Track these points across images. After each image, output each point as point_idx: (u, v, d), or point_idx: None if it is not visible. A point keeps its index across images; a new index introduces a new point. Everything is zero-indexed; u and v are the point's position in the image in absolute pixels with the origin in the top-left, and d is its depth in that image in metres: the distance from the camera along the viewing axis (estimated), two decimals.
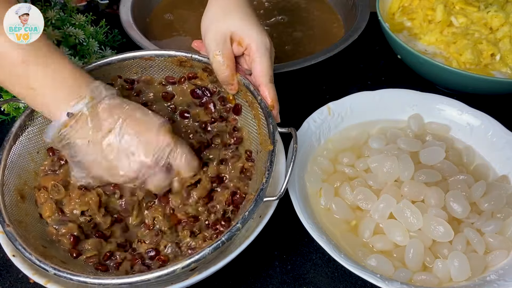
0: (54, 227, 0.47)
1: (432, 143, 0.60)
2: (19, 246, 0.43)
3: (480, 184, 0.55)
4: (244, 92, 0.53)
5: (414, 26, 0.78)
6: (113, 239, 0.49)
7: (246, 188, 0.51)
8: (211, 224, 0.49)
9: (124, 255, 0.47)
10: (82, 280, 0.41)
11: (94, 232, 0.48)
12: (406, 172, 0.55)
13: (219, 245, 0.42)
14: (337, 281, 0.53)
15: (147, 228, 0.49)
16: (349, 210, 0.55)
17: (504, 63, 0.71)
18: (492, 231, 0.52)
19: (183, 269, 0.41)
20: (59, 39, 0.67)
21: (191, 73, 0.56)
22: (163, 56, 0.56)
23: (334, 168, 0.60)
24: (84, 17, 0.72)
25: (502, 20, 0.73)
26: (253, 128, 0.53)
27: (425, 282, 0.48)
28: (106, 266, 0.46)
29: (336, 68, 0.80)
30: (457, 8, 0.77)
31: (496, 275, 0.48)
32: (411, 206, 0.52)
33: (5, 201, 0.46)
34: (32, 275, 0.43)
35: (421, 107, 0.65)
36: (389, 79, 0.79)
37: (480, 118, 0.62)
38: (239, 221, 0.43)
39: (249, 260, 0.54)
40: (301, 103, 0.71)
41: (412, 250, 0.50)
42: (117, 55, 0.55)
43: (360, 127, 0.64)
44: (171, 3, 0.87)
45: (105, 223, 0.48)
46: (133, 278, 0.41)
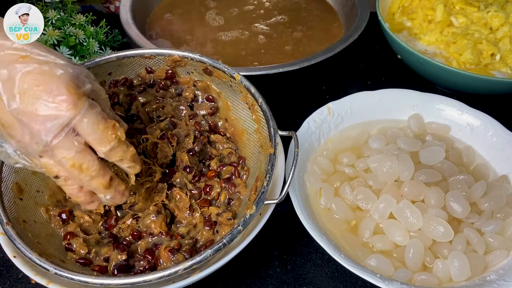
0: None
1: (432, 143, 0.60)
2: (18, 245, 0.43)
3: (480, 184, 0.55)
4: (244, 94, 0.53)
5: (414, 26, 0.78)
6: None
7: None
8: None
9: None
10: (84, 280, 0.41)
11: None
12: (406, 172, 0.55)
13: (221, 247, 0.42)
14: (337, 281, 0.53)
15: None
16: (349, 210, 0.55)
17: (504, 63, 0.71)
18: (492, 231, 0.52)
19: (185, 270, 0.41)
20: (59, 39, 0.67)
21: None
22: (163, 55, 0.56)
23: (334, 168, 0.60)
24: (84, 17, 0.72)
25: (502, 20, 0.73)
26: (252, 130, 0.53)
27: (425, 282, 0.49)
28: (89, 260, 0.47)
29: (336, 68, 0.80)
30: (457, 8, 0.77)
31: (496, 275, 0.49)
32: (411, 206, 0.52)
33: (4, 199, 0.46)
34: (34, 276, 0.43)
35: (421, 107, 0.65)
36: (389, 79, 0.79)
37: (480, 118, 0.62)
38: (240, 223, 0.43)
39: (249, 260, 0.54)
40: (301, 103, 0.71)
41: (412, 250, 0.50)
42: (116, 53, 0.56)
43: (360, 127, 0.65)
44: (171, 3, 0.87)
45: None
46: (134, 278, 0.41)
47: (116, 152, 0.41)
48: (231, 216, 0.49)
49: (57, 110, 0.37)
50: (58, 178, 0.41)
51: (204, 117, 0.58)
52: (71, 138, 0.39)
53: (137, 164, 0.44)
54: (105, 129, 0.40)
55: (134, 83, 0.58)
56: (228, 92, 0.56)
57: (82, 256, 0.47)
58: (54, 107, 0.37)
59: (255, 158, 0.53)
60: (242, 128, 0.56)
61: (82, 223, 0.49)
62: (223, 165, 0.54)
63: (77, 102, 0.38)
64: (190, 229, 0.50)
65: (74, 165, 0.39)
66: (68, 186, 0.42)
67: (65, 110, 0.38)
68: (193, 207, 0.51)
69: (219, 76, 0.54)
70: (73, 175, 0.41)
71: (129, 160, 0.42)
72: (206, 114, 0.58)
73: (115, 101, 0.57)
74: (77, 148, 0.39)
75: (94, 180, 0.41)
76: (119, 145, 0.41)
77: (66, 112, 0.38)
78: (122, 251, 0.47)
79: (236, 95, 0.55)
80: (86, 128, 0.39)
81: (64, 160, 0.39)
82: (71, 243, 0.47)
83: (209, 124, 0.58)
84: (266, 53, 0.76)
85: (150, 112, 0.58)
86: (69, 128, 0.38)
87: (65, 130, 0.38)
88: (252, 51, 0.77)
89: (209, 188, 0.52)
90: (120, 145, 0.41)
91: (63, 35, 0.68)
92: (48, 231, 0.48)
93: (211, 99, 0.58)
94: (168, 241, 0.48)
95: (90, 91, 0.41)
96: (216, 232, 0.49)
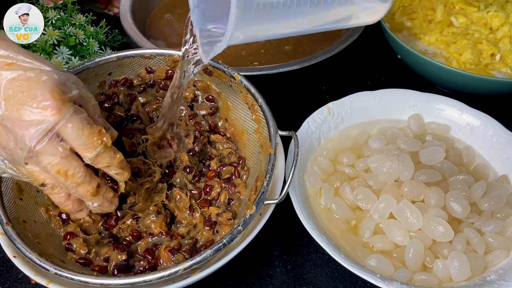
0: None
1: (432, 143, 0.60)
2: (18, 245, 0.43)
3: (480, 184, 0.55)
4: (244, 94, 0.53)
5: (414, 26, 0.78)
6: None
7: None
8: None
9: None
10: (84, 280, 0.41)
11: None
12: (406, 172, 0.55)
13: (221, 247, 0.42)
14: (337, 281, 0.53)
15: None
16: (349, 210, 0.55)
17: (504, 63, 0.72)
18: (492, 231, 0.52)
19: (185, 270, 0.41)
20: (59, 39, 0.67)
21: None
22: (163, 55, 0.56)
23: (334, 168, 0.60)
24: (84, 17, 0.72)
25: (502, 20, 0.73)
26: (252, 130, 0.53)
27: (425, 282, 0.48)
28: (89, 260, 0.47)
29: (336, 68, 0.80)
30: (457, 8, 0.77)
31: (496, 275, 0.49)
32: (411, 206, 0.52)
33: (4, 199, 0.46)
34: (34, 276, 0.43)
35: (421, 107, 0.65)
36: (389, 79, 0.79)
37: (480, 118, 0.62)
38: (240, 224, 0.43)
39: (249, 260, 0.54)
40: (301, 103, 0.71)
41: (412, 250, 0.50)
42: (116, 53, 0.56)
43: (360, 127, 0.65)
44: (171, 3, 0.87)
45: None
46: (134, 278, 0.41)
47: (103, 158, 0.41)
48: (231, 216, 0.49)
49: (42, 116, 0.38)
50: (44, 187, 0.41)
51: (204, 117, 0.58)
52: (56, 144, 0.39)
53: (125, 171, 0.43)
54: (90, 134, 0.40)
55: (134, 83, 0.58)
56: (228, 92, 0.56)
57: (82, 256, 0.47)
58: (38, 113, 0.38)
59: (255, 158, 0.53)
60: (242, 128, 0.56)
61: (82, 223, 0.49)
62: (223, 165, 0.54)
63: (61, 107, 0.38)
64: (190, 229, 0.50)
65: (59, 171, 0.39)
66: (55, 195, 0.42)
67: (50, 116, 0.38)
68: (193, 207, 0.51)
69: (219, 76, 0.54)
70: (59, 182, 0.41)
71: (116, 167, 0.42)
72: (206, 114, 0.58)
73: (115, 101, 0.57)
74: (61, 153, 0.39)
75: (80, 187, 0.41)
76: (106, 151, 0.41)
77: (50, 117, 0.38)
78: (122, 251, 0.47)
79: (236, 95, 0.55)
80: (70, 134, 0.39)
81: (49, 166, 0.39)
82: (71, 243, 0.47)
83: (209, 124, 0.58)
84: (266, 53, 0.76)
85: (150, 112, 0.58)
86: (53, 133, 0.38)
87: (48, 135, 0.38)
88: (252, 51, 0.76)
89: (209, 188, 0.52)
90: (107, 151, 0.41)
91: (63, 35, 0.68)
92: (48, 231, 0.48)
93: (211, 99, 0.58)
94: (168, 241, 0.48)
95: (77, 97, 0.41)
96: (216, 232, 0.49)
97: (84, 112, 0.40)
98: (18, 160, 0.40)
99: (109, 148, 0.41)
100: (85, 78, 0.55)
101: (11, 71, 0.38)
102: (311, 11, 0.38)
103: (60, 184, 0.41)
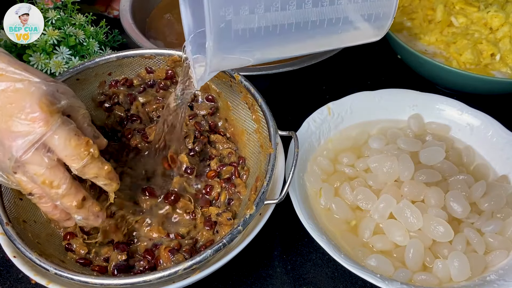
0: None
1: (432, 143, 0.60)
2: (18, 245, 0.43)
3: (480, 184, 0.55)
4: (244, 94, 0.53)
5: (414, 26, 0.78)
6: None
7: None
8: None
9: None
10: (84, 280, 0.41)
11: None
12: (406, 172, 0.55)
13: (221, 247, 0.42)
14: (337, 281, 0.53)
15: None
16: (349, 210, 0.55)
17: (504, 63, 0.72)
18: (492, 231, 0.52)
19: (185, 270, 0.41)
20: (59, 39, 0.67)
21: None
22: (163, 55, 0.56)
23: (334, 168, 0.60)
24: (84, 17, 0.72)
25: (502, 20, 0.73)
26: (252, 130, 0.53)
27: (425, 282, 0.48)
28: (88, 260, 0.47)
29: (336, 68, 0.80)
30: (457, 8, 0.77)
31: (496, 275, 0.49)
32: (411, 206, 0.52)
33: (4, 200, 0.46)
34: (34, 276, 0.43)
35: (421, 107, 0.65)
36: (389, 79, 0.79)
37: (480, 118, 0.62)
38: (240, 224, 0.43)
39: (249, 260, 0.54)
40: (301, 103, 0.71)
41: (412, 250, 0.50)
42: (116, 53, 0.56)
43: (360, 127, 0.65)
44: (171, 3, 0.87)
45: None
46: (134, 278, 0.41)
47: (90, 169, 0.41)
48: (231, 216, 0.49)
49: (30, 127, 0.38)
50: (32, 196, 0.42)
51: (204, 117, 0.58)
52: (42, 154, 0.39)
53: (113, 181, 0.44)
54: (77, 146, 0.40)
55: (134, 83, 0.58)
56: (228, 92, 0.56)
57: (82, 256, 0.47)
58: (26, 124, 0.38)
59: (255, 158, 0.53)
60: (242, 128, 0.56)
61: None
62: (223, 165, 0.54)
63: (49, 119, 0.38)
64: (190, 229, 0.50)
65: (44, 182, 0.40)
66: (42, 204, 0.42)
67: (37, 127, 0.38)
68: (196, 210, 0.51)
69: (219, 76, 0.54)
70: (45, 192, 0.41)
71: (104, 178, 0.42)
72: (206, 114, 0.58)
73: (115, 101, 0.57)
74: (47, 164, 0.39)
75: (65, 199, 0.41)
76: (93, 162, 0.41)
77: (38, 129, 0.38)
78: (122, 251, 0.47)
79: (236, 95, 0.55)
80: (57, 145, 0.39)
81: (36, 177, 0.39)
82: (71, 243, 0.47)
83: (209, 124, 0.58)
84: None
85: (150, 112, 0.58)
86: (39, 144, 0.38)
87: (35, 146, 0.38)
88: None
89: (209, 188, 0.52)
90: (94, 162, 0.41)
91: (63, 35, 0.68)
92: (48, 231, 0.48)
93: (211, 99, 0.58)
94: (168, 241, 0.48)
95: (66, 107, 0.41)
96: (216, 232, 0.49)
97: (72, 123, 0.41)
98: (6, 169, 0.40)
99: (97, 159, 0.41)
100: (85, 78, 0.55)
101: (0, 83, 0.39)
102: (295, 37, 0.36)
103: (46, 194, 0.41)
